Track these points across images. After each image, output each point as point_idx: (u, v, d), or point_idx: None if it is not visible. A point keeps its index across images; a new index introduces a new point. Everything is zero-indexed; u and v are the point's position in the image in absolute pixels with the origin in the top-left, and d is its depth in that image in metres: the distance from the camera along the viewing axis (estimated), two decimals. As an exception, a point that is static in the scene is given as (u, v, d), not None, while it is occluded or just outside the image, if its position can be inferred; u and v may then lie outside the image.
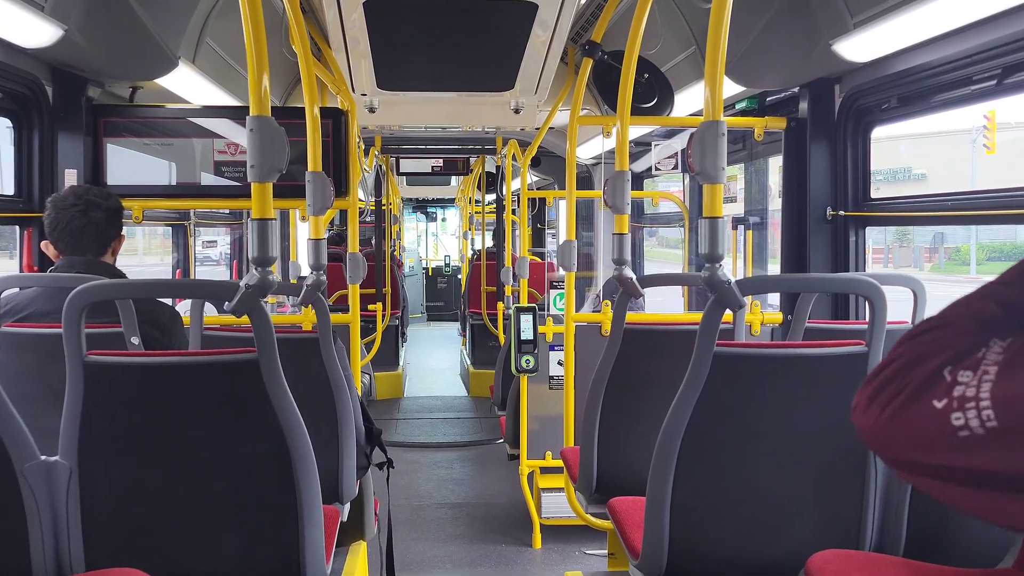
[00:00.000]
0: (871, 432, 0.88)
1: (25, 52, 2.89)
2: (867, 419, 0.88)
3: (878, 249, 17.72)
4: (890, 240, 17.46)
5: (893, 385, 0.86)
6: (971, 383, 0.79)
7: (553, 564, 4.04)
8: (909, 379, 0.85)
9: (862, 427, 0.89)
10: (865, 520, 1.96)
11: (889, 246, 17.87)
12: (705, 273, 1.88)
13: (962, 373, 0.81)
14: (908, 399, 0.84)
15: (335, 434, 2.64)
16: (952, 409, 0.79)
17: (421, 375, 9.39)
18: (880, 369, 0.90)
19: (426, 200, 17.03)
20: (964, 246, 18.47)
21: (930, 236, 18.30)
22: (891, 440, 0.86)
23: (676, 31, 4.13)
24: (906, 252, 18.81)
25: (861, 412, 0.89)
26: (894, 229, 13.93)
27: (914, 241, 18.59)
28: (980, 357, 0.81)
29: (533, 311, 4.16)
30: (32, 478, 1.66)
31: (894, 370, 0.88)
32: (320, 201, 2.70)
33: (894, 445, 0.86)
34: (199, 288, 2.64)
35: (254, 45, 1.75)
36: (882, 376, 0.89)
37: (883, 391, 0.87)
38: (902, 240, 16.88)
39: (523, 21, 3.32)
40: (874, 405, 0.87)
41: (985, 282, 0.94)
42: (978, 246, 17.82)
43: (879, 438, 0.87)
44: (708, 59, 1.85)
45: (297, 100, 5.06)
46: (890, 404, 0.85)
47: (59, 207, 2.54)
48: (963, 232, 17.71)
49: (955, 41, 2.69)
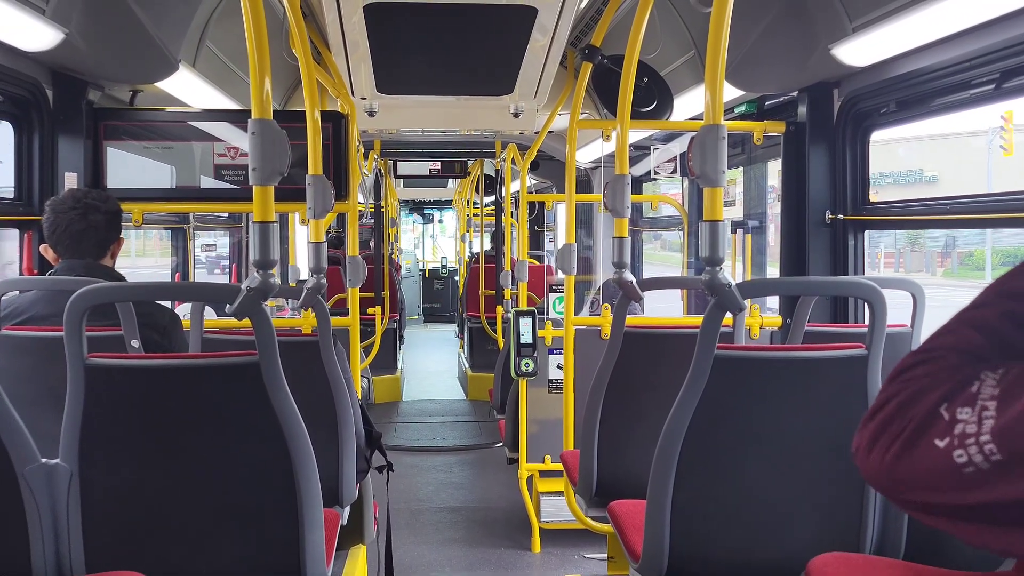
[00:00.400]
0: (876, 477, 0.88)
1: (26, 55, 2.90)
2: (871, 464, 0.88)
3: (889, 253, 16.97)
4: (901, 245, 16.89)
5: (893, 427, 0.87)
6: (971, 420, 0.80)
7: (552, 568, 4.03)
8: (907, 419, 0.86)
9: (867, 472, 0.90)
10: (865, 523, 1.97)
11: (900, 250, 17.29)
12: (705, 276, 1.88)
13: (960, 410, 0.81)
14: (909, 440, 0.84)
15: (335, 437, 2.64)
16: (954, 447, 0.80)
17: (419, 378, 9.38)
18: (876, 409, 0.90)
19: (423, 202, 17.04)
20: (978, 251, 17.87)
21: (942, 240, 17.37)
22: (897, 483, 0.86)
23: (675, 35, 4.14)
24: (918, 256, 18.36)
25: (863, 456, 0.90)
26: (904, 233, 13.48)
27: (926, 245, 18.10)
28: (975, 392, 0.82)
29: (533, 315, 4.16)
30: (33, 481, 1.66)
31: (891, 411, 0.88)
32: (320, 204, 2.70)
33: (901, 487, 0.86)
34: (200, 291, 2.64)
35: (256, 48, 1.75)
36: (880, 418, 0.89)
37: (883, 433, 0.87)
38: (913, 244, 16.23)
39: (523, 25, 3.33)
40: (876, 448, 0.88)
41: (961, 308, 0.95)
42: (992, 250, 17.30)
43: (885, 482, 0.88)
44: (708, 63, 1.85)
45: (297, 104, 5.07)
46: (891, 446, 0.86)
47: (58, 210, 2.54)
48: (976, 236, 17.00)
49: (954, 45, 2.69)
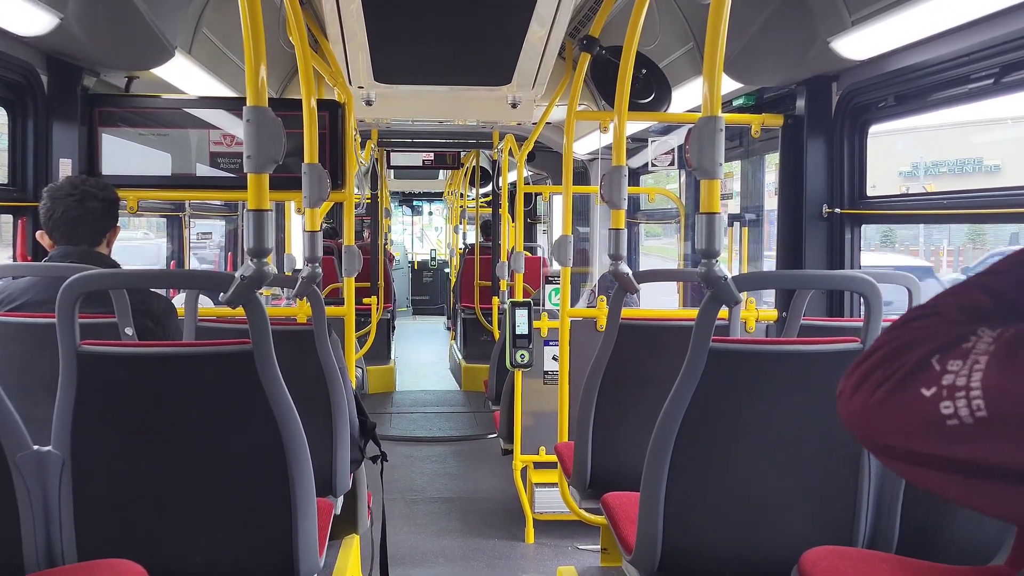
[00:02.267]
0: (856, 418, 0.86)
1: (20, 40, 2.88)
2: (853, 405, 0.86)
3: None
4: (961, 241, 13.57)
5: (880, 371, 0.85)
6: (961, 372, 0.78)
7: (546, 559, 4.04)
8: (897, 366, 0.84)
9: (847, 413, 0.87)
10: (858, 517, 1.97)
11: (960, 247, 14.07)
12: (702, 269, 1.87)
13: (952, 362, 0.79)
14: (896, 386, 0.82)
15: (329, 427, 2.64)
16: (941, 398, 0.78)
17: (411, 369, 9.39)
18: (867, 355, 0.88)
19: (412, 194, 16.98)
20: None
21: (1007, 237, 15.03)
22: (877, 426, 0.84)
23: (674, 27, 4.12)
24: (980, 256, 16.28)
25: (846, 399, 0.87)
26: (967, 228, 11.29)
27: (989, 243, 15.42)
28: (970, 347, 0.80)
29: (528, 306, 4.16)
30: (24, 468, 1.66)
31: (881, 356, 0.86)
32: (316, 193, 2.69)
33: (880, 431, 0.84)
34: (194, 279, 2.63)
35: (252, 36, 1.74)
36: (869, 362, 0.87)
37: (870, 377, 0.85)
38: (975, 241, 13.09)
39: (521, 15, 3.31)
40: (860, 391, 0.86)
41: (976, 272, 0.94)
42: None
43: (864, 424, 0.85)
44: (707, 54, 1.85)
45: (293, 92, 5.04)
46: (877, 390, 0.84)
47: (55, 197, 2.53)
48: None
49: (953, 39, 2.69)
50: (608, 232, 2.96)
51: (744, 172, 4.87)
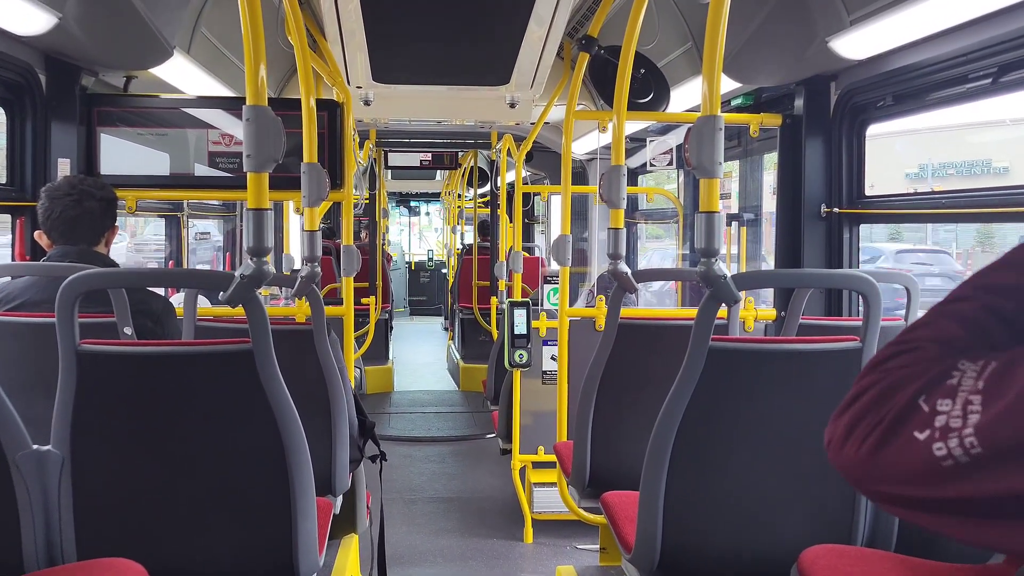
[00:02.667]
0: (849, 468, 0.86)
1: (19, 40, 2.87)
2: (846, 456, 0.86)
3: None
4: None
5: (868, 419, 0.85)
6: (954, 413, 0.78)
7: (544, 558, 4.04)
8: (884, 411, 0.84)
9: (841, 464, 0.87)
10: (857, 515, 1.97)
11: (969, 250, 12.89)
12: (701, 268, 1.87)
13: (940, 403, 0.80)
14: (886, 432, 0.83)
15: (328, 426, 2.64)
16: (934, 439, 0.78)
17: (409, 369, 9.39)
18: (851, 401, 0.88)
19: (409, 194, 16.97)
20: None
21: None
22: (873, 475, 0.84)
23: (673, 27, 4.13)
24: (990, 259, 15.70)
25: (837, 449, 0.87)
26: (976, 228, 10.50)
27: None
28: (955, 384, 0.80)
29: (527, 306, 4.16)
30: (24, 467, 1.65)
31: (867, 402, 0.86)
32: (315, 193, 2.69)
33: (876, 480, 0.85)
34: (194, 278, 2.63)
35: (251, 35, 1.74)
36: (855, 408, 0.87)
37: (858, 425, 0.86)
38: (984, 244, 12.07)
39: (520, 15, 3.32)
40: (851, 440, 0.86)
41: (941, 299, 0.93)
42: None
43: (859, 474, 0.86)
44: (706, 53, 1.85)
45: (292, 92, 5.04)
46: (868, 438, 0.84)
47: (53, 196, 2.53)
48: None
49: (951, 39, 2.69)
50: (607, 232, 2.96)
51: (743, 172, 4.88)
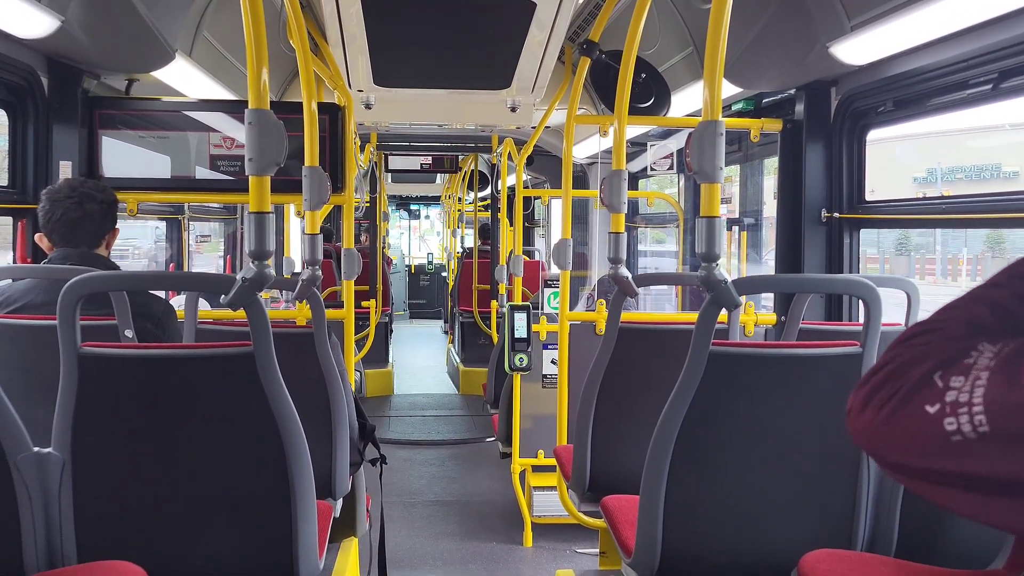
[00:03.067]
0: (865, 435, 0.88)
1: (21, 42, 2.88)
2: (861, 422, 0.89)
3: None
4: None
5: (885, 389, 0.87)
6: (963, 388, 0.79)
7: (544, 563, 4.04)
8: (901, 383, 0.86)
9: (856, 430, 0.90)
10: (857, 520, 1.97)
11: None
12: (702, 272, 1.88)
13: (954, 379, 0.81)
14: (900, 403, 0.84)
15: (328, 430, 2.64)
16: (945, 414, 0.79)
17: (409, 372, 9.38)
18: (873, 372, 0.91)
19: (409, 197, 16.98)
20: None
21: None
22: (884, 444, 0.86)
23: (674, 32, 4.13)
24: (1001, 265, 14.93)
25: (855, 416, 0.90)
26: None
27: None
28: (971, 362, 0.81)
29: (527, 309, 4.16)
30: (25, 469, 1.65)
31: (886, 374, 0.88)
32: (316, 196, 2.69)
33: (887, 449, 0.86)
34: (195, 281, 2.63)
35: (253, 38, 1.74)
36: (874, 380, 0.89)
37: (876, 395, 0.88)
38: (994, 248, 10.50)
39: (521, 19, 3.32)
40: (868, 409, 0.88)
41: (975, 286, 0.95)
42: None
43: (872, 441, 0.88)
44: (707, 58, 1.85)
45: (294, 95, 5.05)
46: (883, 408, 0.86)
47: (54, 199, 2.53)
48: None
49: (951, 45, 2.70)
50: (608, 236, 2.96)
51: (743, 176, 4.88)
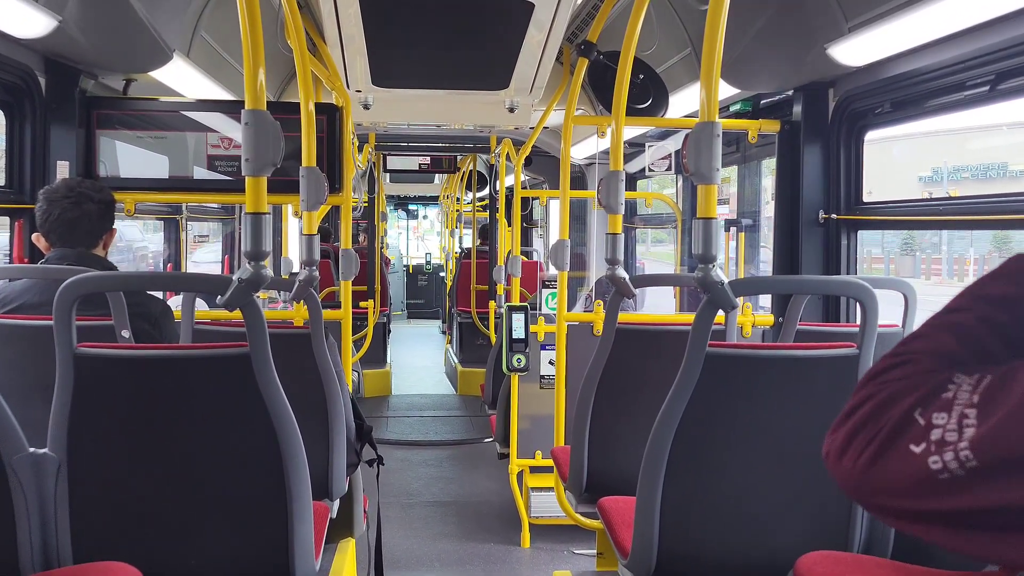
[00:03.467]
0: (848, 480, 0.87)
1: (18, 42, 2.87)
2: (843, 469, 0.88)
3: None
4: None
5: (865, 431, 0.86)
6: (950, 427, 0.79)
7: (541, 563, 4.04)
8: (881, 424, 0.85)
9: (838, 476, 0.89)
10: (853, 522, 1.97)
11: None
12: (699, 273, 1.88)
13: (936, 416, 0.81)
14: (883, 445, 0.84)
15: (325, 430, 2.64)
16: (930, 453, 0.79)
17: (406, 373, 9.38)
18: (848, 413, 0.89)
19: (407, 197, 16.98)
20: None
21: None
22: (870, 488, 0.86)
23: (672, 33, 4.13)
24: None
25: (835, 460, 0.89)
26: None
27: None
28: (951, 397, 0.81)
29: (525, 310, 4.16)
30: (20, 470, 1.65)
31: (864, 414, 0.87)
32: (314, 196, 2.69)
33: (873, 492, 0.86)
34: (192, 281, 2.63)
35: (250, 39, 1.74)
36: (852, 422, 0.88)
37: (855, 438, 0.87)
38: (1000, 249, 10.81)
39: (519, 20, 3.32)
40: (848, 453, 0.87)
41: (937, 311, 0.94)
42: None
43: (857, 486, 0.87)
44: (704, 60, 1.85)
45: (291, 95, 5.05)
46: (864, 451, 0.85)
47: (51, 199, 2.53)
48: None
49: (949, 47, 2.70)
50: (606, 236, 2.96)
51: (741, 177, 4.88)
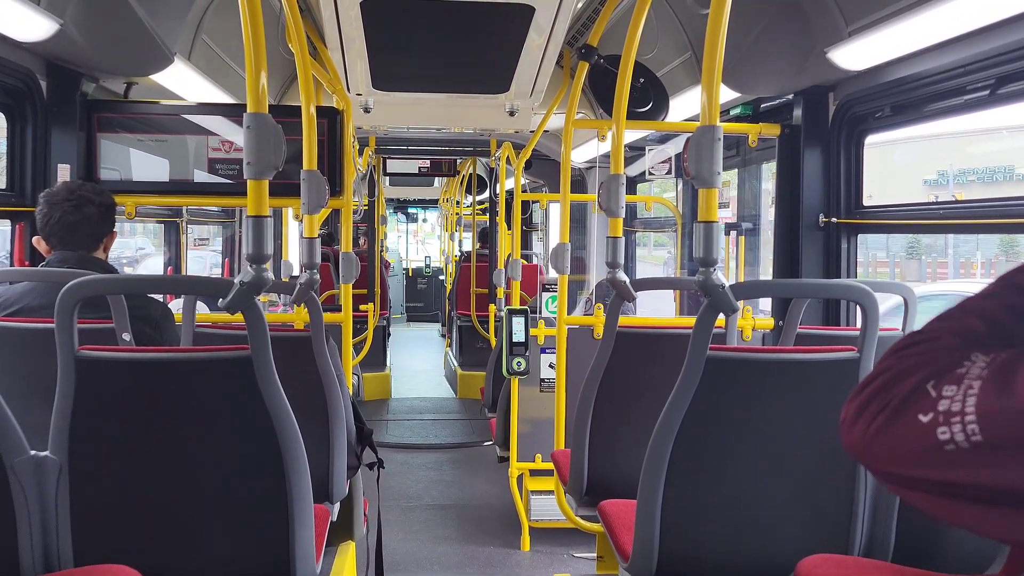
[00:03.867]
0: (859, 446, 0.88)
1: (20, 45, 2.88)
2: (855, 435, 0.88)
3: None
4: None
5: (878, 399, 0.87)
6: (956, 397, 0.80)
7: (542, 567, 4.04)
8: (894, 393, 0.86)
9: (849, 441, 0.90)
10: (854, 525, 1.97)
11: None
12: (699, 277, 1.88)
13: (946, 388, 0.81)
14: (893, 413, 0.84)
15: (326, 433, 2.64)
16: (938, 423, 0.80)
17: (406, 376, 9.37)
18: (866, 383, 0.90)
19: (407, 201, 17.00)
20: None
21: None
22: (878, 454, 0.86)
23: (672, 36, 4.14)
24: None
25: (849, 426, 0.90)
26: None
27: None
28: (964, 372, 0.82)
29: (525, 313, 4.16)
30: (21, 473, 1.65)
31: (879, 384, 0.88)
32: (315, 200, 2.70)
33: (881, 459, 0.86)
34: (193, 284, 2.63)
35: (252, 43, 1.75)
36: (868, 390, 0.89)
37: (869, 405, 0.88)
38: (1008, 252, 9.68)
39: (520, 24, 3.32)
40: (861, 419, 0.88)
41: (969, 296, 0.95)
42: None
43: (866, 452, 0.88)
44: (705, 63, 1.86)
45: (292, 99, 5.05)
46: (876, 418, 0.86)
47: (52, 202, 2.53)
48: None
49: (949, 51, 2.70)
50: (606, 240, 2.97)
51: (741, 181, 4.89)
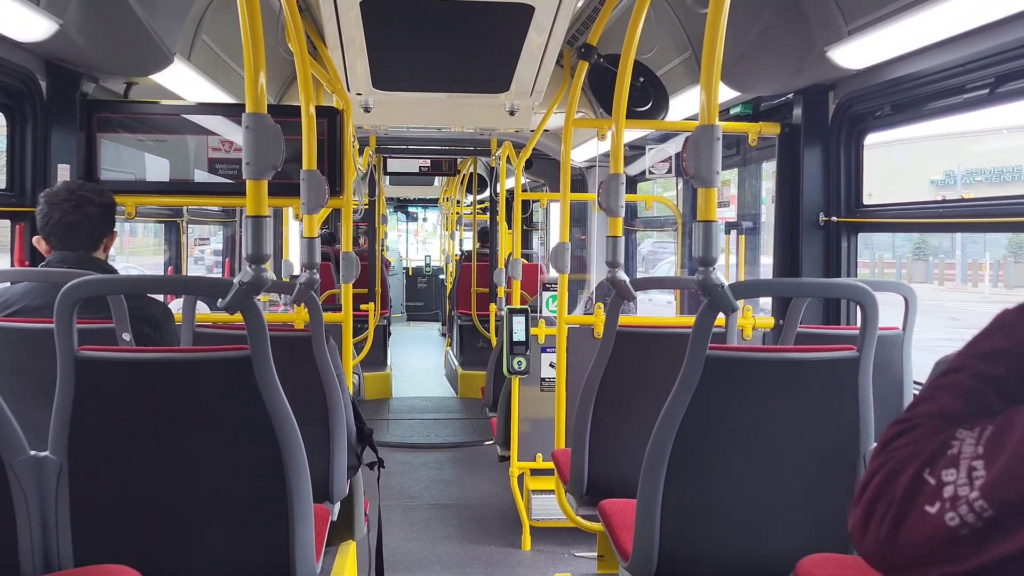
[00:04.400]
0: (876, 554, 0.87)
1: (20, 46, 2.88)
2: (867, 545, 0.87)
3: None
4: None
5: (883, 500, 0.86)
6: (960, 482, 0.79)
7: (542, 566, 4.04)
8: (894, 492, 0.85)
9: (864, 552, 0.88)
10: (854, 524, 1.97)
11: None
12: (699, 276, 1.88)
13: (945, 472, 0.81)
14: (899, 511, 0.84)
15: (326, 433, 2.64)
16: (945, 510, 0.80)
17: (406, 375, 9.37)
18: (863, 487, 0.90)
19: (407, 200, 17.02)
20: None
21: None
22: (897, 558, 0.85)
23: (672, 35, 4.14)
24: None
25: (860, 535, 0.89)
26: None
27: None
28: (956, 452, 0.81)
29: (526, 312, 4.16)
30: (21, 473, 1.65)
31: (878, 484, 0.88)
32: (314, 199, 2.70)
33: (901, 562, 0.85)
34: (193, 284, 2.63)
35: (251, 43, 1.75)
36: (867, 495, 0.89)
37: (874, 511, 0.87)
38: (1016, 253, 10.26)
39: (520, 23, 3.32)
40: (870, 528, 0.87)
41: (936, 374, 0.95)
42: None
43: (886, 559, 0.86)
44: (704, 63, 1.85)
45: (292, 98, 5.06)
46: (885, 519, 0.85)
47: (52, 202, 2.53)
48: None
49: (949, 50, 2.70)
50: (606, 239, 2.97)
51: (741, 180, 4.89)
